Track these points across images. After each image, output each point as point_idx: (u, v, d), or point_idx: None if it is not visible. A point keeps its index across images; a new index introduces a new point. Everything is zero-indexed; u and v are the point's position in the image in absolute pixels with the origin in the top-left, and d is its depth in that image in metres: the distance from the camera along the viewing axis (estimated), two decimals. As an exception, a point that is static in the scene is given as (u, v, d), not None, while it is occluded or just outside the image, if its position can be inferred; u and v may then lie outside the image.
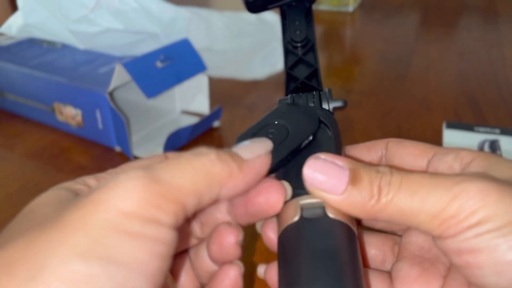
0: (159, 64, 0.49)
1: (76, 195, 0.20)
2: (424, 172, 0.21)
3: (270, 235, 0.23)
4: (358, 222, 0.25)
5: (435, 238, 0.20)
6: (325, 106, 0.28)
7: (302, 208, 0.21)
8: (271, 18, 0.68)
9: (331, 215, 0.21)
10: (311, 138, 0.24)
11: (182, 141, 0.51)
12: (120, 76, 0.47)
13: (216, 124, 0.55)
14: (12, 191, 0.45)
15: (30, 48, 0.62)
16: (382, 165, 0.21)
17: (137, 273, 0.17)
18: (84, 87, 0.50)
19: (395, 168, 0.20)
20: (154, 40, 0.57)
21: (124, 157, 0.50)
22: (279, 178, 0.23)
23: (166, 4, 0.56)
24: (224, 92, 0.64)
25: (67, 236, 0.16)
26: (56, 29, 0.54)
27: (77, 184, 0.21)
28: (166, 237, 0.18)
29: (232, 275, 0.23)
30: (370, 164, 0.21)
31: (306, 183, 0.21)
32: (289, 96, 0.28)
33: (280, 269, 0.21)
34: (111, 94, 0.48)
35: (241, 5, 0.30)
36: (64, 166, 0.50)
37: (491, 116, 0.58)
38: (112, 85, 0.47)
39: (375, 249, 0.26)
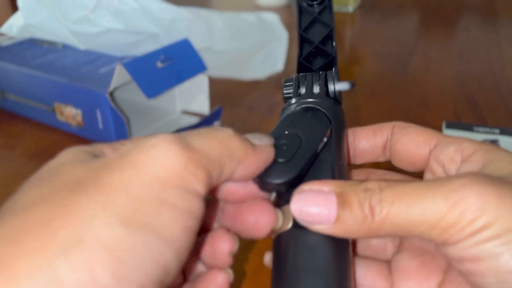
0: (159, 64, 0.49)
1: (97, 157, 0.19)
2: (415, 180, 0.21)
3: None
4: None
5: (438, 245, 0.20)
6: (330, 89, 0.26)
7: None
8: (271, 18, 0.68)
9: None
10: (325, 139, 0.24)
11: (182, 141, 0.51)
12: (120, 76, 0.47)
13: (216, 124, 0.55)
14: (12, 191, 0.45)
15: (30, 48, 0.62)
16: (370, 180, 0.20)
17: (171, 247, 0.16)
18: (85, 87, 0.50)
19: (383, 182, 0.20)
20: (154, 41, 0.57)
21: (125, 157, 0.50)
22: (261, 174, 0.22)
23: (166, 4, 0.56)
24: (224, 92, 0.64)
25: (109, 199, 0.16)
26: (56, 30, 0.54)
27: (94, 149, 0.20)
28: (198, 211, 0.18)
29: (220, 281, 0.22)
30: (358, 181, 0.20)
31: (296, 219, 0.20)
32: (294, 77, 0.27)
33: (273, 275, 0.21)
34: (111, 94, 0.48)
35: (241, 5, 0.30)
36: (64, 166, 0.49)
37: (490, 116, 0.58)
38: (112, 85, 0.47)
39: (376, 239, 0.26)
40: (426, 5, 1.06)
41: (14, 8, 0.69)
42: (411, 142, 0.25)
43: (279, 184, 0.21)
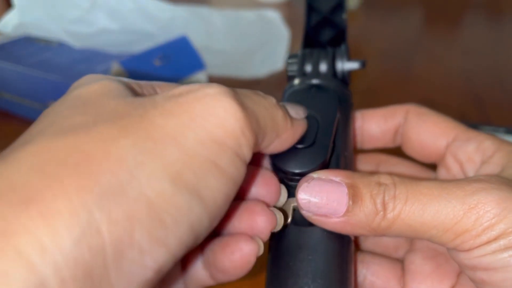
0: (157, 62, 0.48)
1: (136, 94, 0.16)
2: (431, 179, 0.20)
3: None
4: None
5: (449, 250, 0.19)
6: (338, 68, 0.24)
7: (295, 210, 0.20)
8: (272, 15, 0.67)
9: None
10: (338, 115, 0.22)
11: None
12: (117, 74, 0.46)
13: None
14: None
15: (26, 46, 0.61)
16: (382, 173, 0.19)
17: (209, 215, 0.14)
18: (80, 85, 0.49)
19: (396, 177, 0.18)
20: (152, 41, 0.56)
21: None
22: (281, 164, 0.20)
23: (164, 3, 0.55)
24: (223, 91, 0.63)
25: (159, 148, 0.14)
26: (52, 29, 0.53)
27: (130, 84, 0.17)
28: (241, 178, 0.16)
29: (246, 251, 0.18)
30: (368, 173, 0.19)
31: (301, 210, 0.19)
32: (300, 52, 0.25)
33: (268, 276, 0.20)
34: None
35: (241, 2, 0.29)
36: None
37: (495, 115, 0.57)
38: (108, 84, 0.46)
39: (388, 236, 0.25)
40: (430, 2, 1.05)
41: (8, 5, 0.68)
42: (426, 132, 0.23)
43: (303, 174, 0.19)
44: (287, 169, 0.19)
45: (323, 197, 0.18)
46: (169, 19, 0.55)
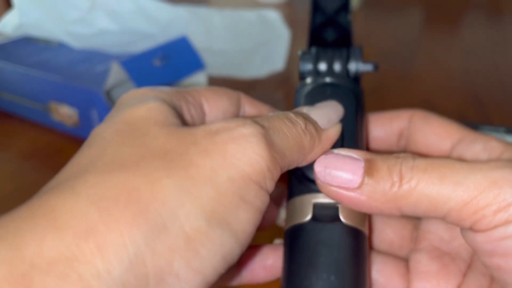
0: (157, 63, 0.48)
1: (180, 119, 0.18)
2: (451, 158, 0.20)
3: None
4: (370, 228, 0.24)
5: (465, 231, 0.18)
6: (352, 68, 0.24)
7: (315, 207, 0.20)
8: (272, 16, 0.67)
9: (344, 219, 0.20)
10: (358, 115, 0.22)
11: (180, 141, 0.50)
12: (116, 74, 0.46)
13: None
14: (7, 192, 0.45)
15: (26, 47, 0.61)
16: (404, 151, 0.19)
17: (239, 244, 0.16)
18: (80, 85, 0.49)
19: (418, 155, 0.18)
20: (152, 41, 0.56)
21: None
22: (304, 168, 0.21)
23: (163, 4, 0.55)
24: (223, 91, 0.63)
25: (197, 189, 0.16)
26: (52, 30, 0.53)
27: (177, 105, 0.19)
28: (265, 207, 0.17)
29: (269, 263, 0.22)
30: (395, 149, 0.19)
31: (317, 182, 0.19)
32: (312, 49, 0.24)
33: (285, 267, 0.20)
34: (108, 93, 0.47)
35: (241, 3, 0.28)
36: (60, 166, 0.48)
37: (495, 115, 0.57)
38: (108, 84, 0.46)
39: (394, 233, 0.24)
40: (430, 2, 1.05)
41: (8, 5, 0.68)
42: (432, 134, 0.23)
43: None
44: (309, 176, 0.20)
45: (337, 167, 0.18)
46: (169, 19, 0.55)
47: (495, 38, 0.82)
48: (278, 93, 0.62)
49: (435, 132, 0.23)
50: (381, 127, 0.25)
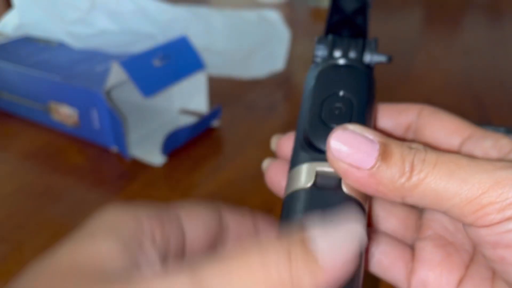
0: (157, 63, 0.48)
1: (133, 259, 0.17)
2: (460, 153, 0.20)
3: (274, 179, 0.22)
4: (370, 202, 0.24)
5: (467, 226, 0.18)
6: (366, 58, 0.24)
7: (317, 175, 0.20)
8: (272, 16, 0.67)
9: (346, 189, 0.19)
10: (370, 97, 0.22)
11: (180, 141, 0.49)
12: (116, 74, 0.46)
13: (215, 123, 0.54)
14: (7, 193, 0.45)
15: (26, 47, 0.61)
16: (415, 142, 0.19)
17: None
18: (80, 85, 0.49)
19: (429, 146, 0.18)
20: (152, 41, 0.56)
21: (121, 157, 0.49)
22: (315, 141, 0.21)
23: (164, 4, 0.55)
24: (223, 91, 0.63)
25: None
26: (52, 29, 0.53)
27: (153, 219, 0.19)
28: None
29: None
30: (401, 140, 0.19)
31: (329, 155, 0.18)
32: (329, 36, 0.24)
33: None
34: (108, 93, 0.47)
35: (241, 3, 0.29)
36: (60, 167, 0.49)
37: (495, 116, 0.57)
38: (108, 84, 0.46)
39: (398, 222, 0.24)
40: (430, 2, 1.05)
41: (8, 5, 0.68)
42: (441, 129, 0.23)
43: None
44: (320, 147, 0.20)
45: (353, 145, 0.18)
46: (169, 19, 0.55)
47: (495, 38, 0.82)
48: (278, 93, 0.62)
49: (445, 127, 0.23)
50: (389, 118, 0.25)
